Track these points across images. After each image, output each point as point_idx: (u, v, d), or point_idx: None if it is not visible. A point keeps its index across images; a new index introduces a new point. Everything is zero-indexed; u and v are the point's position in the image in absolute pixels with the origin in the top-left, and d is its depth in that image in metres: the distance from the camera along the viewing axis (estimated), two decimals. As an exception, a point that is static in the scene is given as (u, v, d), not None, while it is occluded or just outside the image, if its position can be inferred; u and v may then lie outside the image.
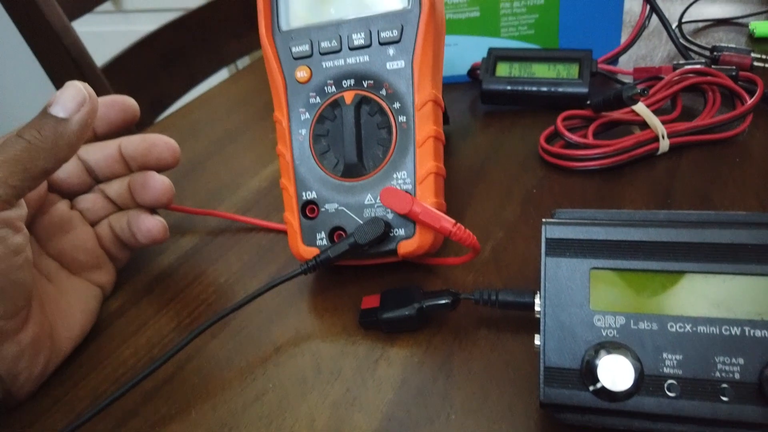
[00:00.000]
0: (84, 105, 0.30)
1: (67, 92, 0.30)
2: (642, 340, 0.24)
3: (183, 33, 0.88)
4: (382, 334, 0.32)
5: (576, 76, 0.49)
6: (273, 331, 0.33)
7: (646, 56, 0.56)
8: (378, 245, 0.33)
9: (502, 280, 0.34)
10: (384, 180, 0.33)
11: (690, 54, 0.53)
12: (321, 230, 0.34)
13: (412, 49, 0.33)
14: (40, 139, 0.29)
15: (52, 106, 0.30)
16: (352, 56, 0.34)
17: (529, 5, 0.52)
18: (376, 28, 0.33)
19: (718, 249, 0.24)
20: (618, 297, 0.24)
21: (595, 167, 0.41)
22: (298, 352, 0.32)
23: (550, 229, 0.26)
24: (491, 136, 0.48)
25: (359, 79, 0.34)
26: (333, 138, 0.34)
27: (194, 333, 0.30)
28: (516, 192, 0.41)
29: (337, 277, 0.36)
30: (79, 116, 0.30)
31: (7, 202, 0.28)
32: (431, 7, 0.32)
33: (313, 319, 0.34)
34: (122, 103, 0.38)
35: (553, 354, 0.24)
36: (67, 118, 0.30)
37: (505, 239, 0.37)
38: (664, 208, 0.37)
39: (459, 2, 0.53)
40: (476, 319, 0.32)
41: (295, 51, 0.35)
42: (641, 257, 0.24)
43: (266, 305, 0.35)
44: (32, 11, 0.67)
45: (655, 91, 0.45)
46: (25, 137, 0.29)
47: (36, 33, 0.70)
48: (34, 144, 0.29)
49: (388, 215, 0.33)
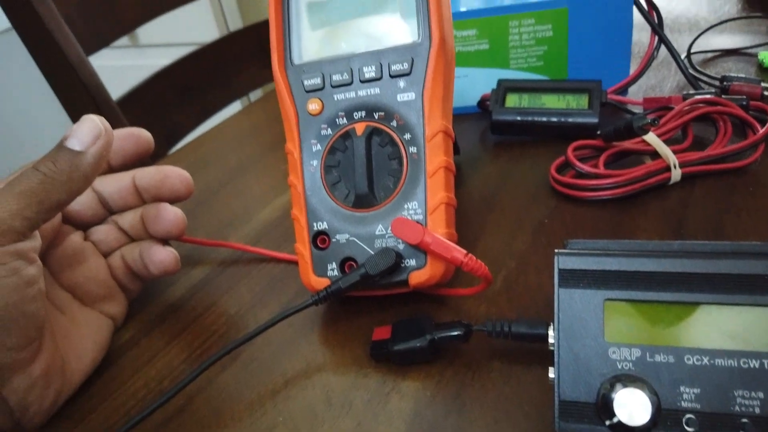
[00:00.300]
0: (99, 138, 0.31)
1: (84, 126, 0.31)
2: (658, 373, 0.23)
3: (197, 67, 0.90)
4: (393, 366, 0.32)
5: (586, 106, 0.49)
6: (283, 362, 0.33)
7: (655, 86, 0.56)
8: (389, 276, 0.33)
9: (515, 311, 0.34)
10: (395, 210, 0.33)
11: (700, 84, 0.54)
12: (332, 261, 0.34)
13: (423, 81, 0.33)
14: (55, 171, 0.29)
15: (69, 139, 0.30)
16: (363, 88, 0.34)
17: (537, 37, 0.53)
18: (386, 61, 0.34)
19: (733, 280, 0.23)
20: (633, 328, 0.24)
21: (607, 197, 0.41)
22: (309, 385, 0.32)
23: (562, 260, 0.25)
24: (502, 166, 0.48)
25: (370, 110, 0.34)
26: (344, 169, 0.34)
27: (204, 365, 0.30)
28: (527, 222, 0.41)
29: (348, 307, 0.36)
30: (95, 149, 0.31)
31: (21, 233, 0.28)
32: (441, 40, 0.33)
33: (324, 350, 0.34)
34: (137, 135, 0.38)
35: (567, 387, 0.24)
36: (83, 151, 0.30)
37: (517, 270, 0.37)
38: (677, 238, 0.37)
39: (468, 35, 0.53)
40: (489, 350, 0.32)
41: (307, 84, 0.35)
42: (655, 288, 0.24)
43: (277, 336, 0.35)
44: (50, 45, 0.69)
45: (666, 121, 0.45)
46: (40, 170, 0.29)
47: (53, 66, 0.71)
48: (50, 176, 0.29)
49: (399, 246, 0.33)
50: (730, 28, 0.66)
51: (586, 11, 0.51)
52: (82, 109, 0.74)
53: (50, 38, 0.69)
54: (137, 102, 0.82)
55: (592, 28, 0.51)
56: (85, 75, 0.72)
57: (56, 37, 0.69)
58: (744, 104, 0.46)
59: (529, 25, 0.52)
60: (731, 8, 0.72)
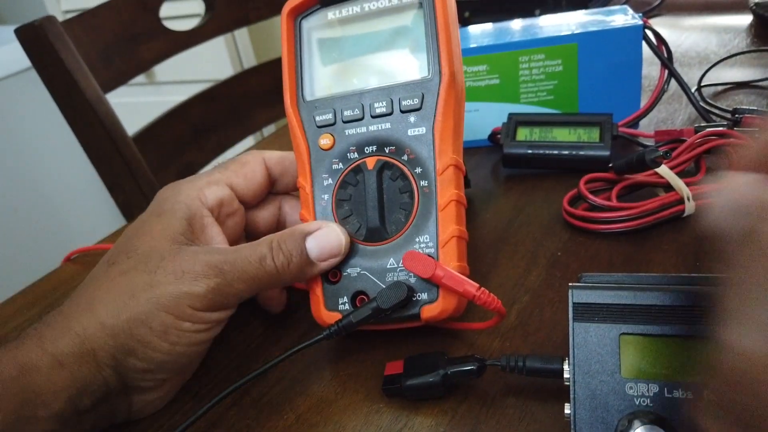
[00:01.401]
0: (335, 257, 0.33)
1: (329, 238, 0.33)
2: (677, 409, 0.23)
3: (212, 103, 0.92)
4: (406, 402, 0.31)
5: (597, 139, 0.49)
6: (294, 399, 0.33)
7: (666, 119, 0.57)
8: (401, 310, 0.32)
9: (529, 346, 0.33)
10: (406, 244, 0.33)
11: (711, 117, 0.54)
12: (343, 295, 0.34)
13: (433, 116, 0.33)
14: (286, 269, 0.32)
15: (310, 241, 0.32)
16: (374, 124, 0.35)
17: (548, 72, 0.53)
18: (397, 96, 0.34)
19: (752, 313, 0.23)
20: (650, 363, 0.24)
21: (621, 230, 0.41)
22: (320, 421, 0.31)
23: (577, 294, 0.25)
24: (514, 199, 0.48)
25: (381, 145, 0.35)
26: (355, 203, 0.34)
27: (214, 401, 0.30)
28: (540, 255, 0.41)
29: (360, 342, 0.36)
30: (325, 265, 0.33)
31: (232, 307, 0.32)
32: (451, 76, 0.33)
33: (336, 386, 0.33)
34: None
35: (584, 425, 0.24)
36: (316, 263, 0.33)
37: (530, 303, 0.36)
38: (693, 271, 0.37)
39: (479, 70, 0.54)
40: (503, 386, 0.31)
41: (319, 120, 0.36)
42: (672, 322, 0.24)
43: (288, 372, 0.35)
44: (69, 83, 0.71)
45: (678, 154, 0.45)
46: (275, 259, 0.31)
47: (71, 104, 0.73)
48: (280, 271, 0.32)
49: (410, 279, 0.33)
50: (739, 62, 0.66)
51: (596, 47, 0.51)
52: (98, 145, 0.75)
53: (69, 77, 0.70)
54: (153, 138, 0.83)
55: (601, 63, 0.52)
56: (102, 112, 0.73)
57: (75, 75, 0.70)
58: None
59: (539, 60, 0.53)
60: (740, 42, 0.72)
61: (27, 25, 0.68)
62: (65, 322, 0.30)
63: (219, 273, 0.30)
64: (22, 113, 1.49)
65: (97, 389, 0.29)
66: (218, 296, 0.31)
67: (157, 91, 1.82)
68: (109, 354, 0.29)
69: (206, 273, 0.30)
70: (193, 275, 0.30)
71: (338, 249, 0.33)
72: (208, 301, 0.30)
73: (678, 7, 0.88)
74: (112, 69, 0.77)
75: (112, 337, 0.29)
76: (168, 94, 1.75)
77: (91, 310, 0.30)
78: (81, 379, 0.29)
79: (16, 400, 0.27)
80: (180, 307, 0.30)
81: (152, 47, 0.82)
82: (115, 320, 0.29)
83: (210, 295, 0.30)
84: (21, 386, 0.27)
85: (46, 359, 0.28)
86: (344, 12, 0.36)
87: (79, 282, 0.33)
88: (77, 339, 0.29)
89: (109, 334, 0.29)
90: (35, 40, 0.69)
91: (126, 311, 0.30)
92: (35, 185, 1.53)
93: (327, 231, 0.33)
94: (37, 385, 0.28)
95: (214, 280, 0.30)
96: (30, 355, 0.28)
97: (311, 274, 0.33)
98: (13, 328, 0.44)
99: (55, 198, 1.58)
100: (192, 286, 0.30)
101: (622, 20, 0.52)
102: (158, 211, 0.34)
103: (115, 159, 0.76)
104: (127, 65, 0.79)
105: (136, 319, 0.29)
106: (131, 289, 0.30)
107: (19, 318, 0.45)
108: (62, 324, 0.30)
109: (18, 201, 1.48)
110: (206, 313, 0.31)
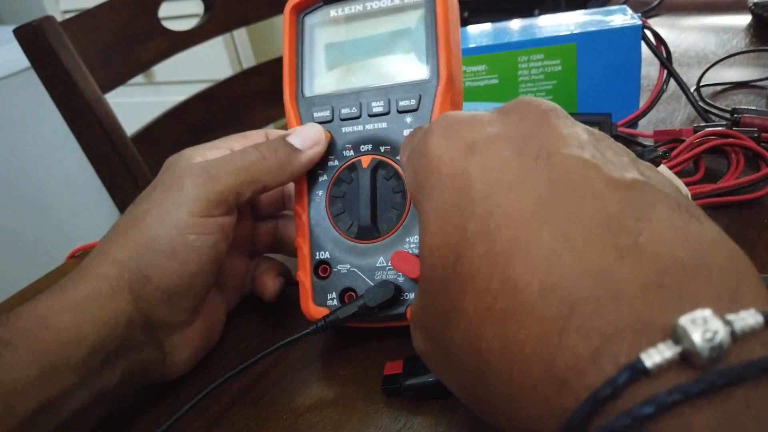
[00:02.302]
0: (317, 145, 0.34)
1: (308, 130, 0.34)
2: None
3: (211, 104, 0.92)
4: (405, 402, 0.31)
5: (596, 139, 0.49)
6: (294, 399, 0.33)
7: (665, 119, 0.57)
8: (388, 308, 0.32)
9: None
10: (396, 244, 0.33)
11: (710, 117, 0.54)
12: (332, 291, 0.34)
13: (429, 117, 0.34)
14: (274, 157, 0.33)
15: (291, 137, 0.34)
16: (371, 123, 0.35)
17: (547, 72, 0.53)
18: (395, 97, 0.34)
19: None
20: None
21: (620, 230, 0.41)
22: (320, 421, 0.31)
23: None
24: (513, 199, 0.48)
25: (377, 144, 0.35)
26: (348, 200, 0.35)
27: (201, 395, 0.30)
28: (539, 255, 0.40)
29: (359, 342, 0.36)
30: (311, 152, 0.34)
31: (231, 208, 0.32)
32: (448, 78, 0.33)
33: (335, 386, 0.33)
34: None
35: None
36: (301, 150, 0.33)
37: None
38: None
39: (478, 70, 0.54)
40: (502, 386, 0.31)
41: (317, 116, 0.36)
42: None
43: (287, 372, 0.35)
44: (67, 83, 0.71)
45: (677, 154, 0.45)
46: (260, 150, 0.33)
47: (70, 104, 0.73)
48: (268, 160, 0.33)
49: (399, 279, 0.33)
50: (738, 62, 0.66)
51: (595, 47, 0.51)
52: (97, 145, 0.75)
53: (68, 77, 0.70)
54: (151, 138, 0.83)
55: (600, 63, 0.52)
56: (101, 112, 0.73)
57: (74, 75, 0.70)
58: (756, 136, 0.45)
59: (538, 60, 0.53)
60: (739, 42, 0.72)
61: (25, 25, 0.68)
62: (83, 269, 0.31)
63: (203, 172, 0.32)
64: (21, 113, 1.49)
65: (122, 331, 0.30)
66: (211, 194, 0.31)
67: (156, 92, 1.82)
68: (126, 288, 0.30)
69: (192, 178, 0.31)
70: (180, 184, 0.31)
71: (318, 135, 0.34)
72: (202, 203, 0.31)
73: (677, 7, 0.88)
74: (111, 69, 0.77)
75: (126, 270, 0.30)
76: (167, 95, 1.75)
77: (105, 251, 0.31)
78: (102, 320, 0.29)
79: (35, 353, 0.27)
80: (179, 219, 0.31)
81: (151, 47, 0.82)
82: (124, 252, 0.30)
83: (202, 194, 0.31)
84: (39, 338, 0.27)
85: (67, 305, 0.29)
86: (347, 10, 0.37)
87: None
88: (95, 280, 0.30)
89: (122, 267, 0.30)
90: (34, 40, 0.69)
91: (131, 241, 0.31)
92: (34, 186, 1.53)
93: (303, 126, 0.35)
94: (58, 334, 0.28)
95: (202, 178, 0.31)
96: (49, 304, 0.29)
97: (299, 163, 0.34)
98: (11, 329, 0.44)
99: (53, 198, 1.58)
100: (182, 193, 0.31)
101: (621, 20, 0.52)
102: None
103: (114, 159, 0.76)
104: (125, 65, 0.79)
105: (143, 246, 0.31)
106: (134, 219, 0.32)
107: (18, 318, 0.45)
108: (80, 271, 0.31)
109: (16, 201, 1.48)
110: (206, 218, 0.31)
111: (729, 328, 0.14)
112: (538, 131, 0.21)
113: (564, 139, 0.21)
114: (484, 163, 0.20)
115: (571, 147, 0.20)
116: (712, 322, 0.14)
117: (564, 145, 0.20)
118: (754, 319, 0.15)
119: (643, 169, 0.21)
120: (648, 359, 0.14)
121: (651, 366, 0.14)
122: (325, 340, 0.36)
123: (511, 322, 0.18)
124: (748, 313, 0.15)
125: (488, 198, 0.19)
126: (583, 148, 0.20)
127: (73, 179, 1.59)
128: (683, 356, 0.14)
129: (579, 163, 0.19)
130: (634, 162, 0.21)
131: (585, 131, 0.22)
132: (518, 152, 0.20)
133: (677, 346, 0.14)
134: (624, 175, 0.19)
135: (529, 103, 0.23)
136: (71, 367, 0.28)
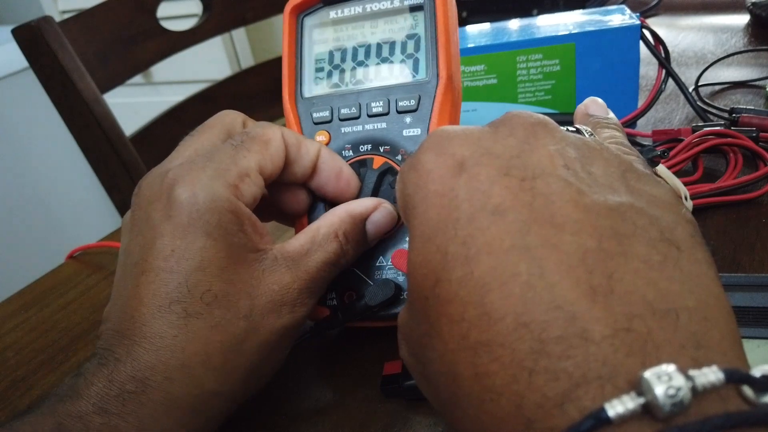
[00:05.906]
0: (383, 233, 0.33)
1: (386, 219, 0.32)
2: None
3: (209, 104, 0.92)
4: (404, 402, 0.31)
5: (595, 139, 0.49)
6: (292, 399, 0.33)
7: (664, 119, 0.57)
8: (388, 307, 0.32)
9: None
10: (396, 242, 0.33)
11: (708, 116, 0.54)
12: (332, 290, 0.34)
13: (429, 118, 0.34)
14: (347, 251, 0.31)
15: (369, 225, 0.32)
16: (370, 123, 0.35)
17: (545, 72, 0.53)
18: (394, 97, 0.34)
19: (748, 313, 0.23)
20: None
21: (618, 229, 0.41)
22: (319, 421, 0.31)
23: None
24: (511, 199, 0.48)
25: (376, 144, 0.35)
26: None
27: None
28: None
29: (358, 342, 0.36)
30: (374, 242, 0.33)
31: (310, 308, 0.30)
32: (448, 79, 0.33)
33: (334, 386, 0.33)
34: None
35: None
36: (368, 242, 0.32)
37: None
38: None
39: (477, 70, 0.54)
40: (501, 386, 0.31)
41: (316, 116, 0.36)
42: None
43: (285, 372, 0.35)
44: (66, 84, 0.71)
45: (676, 153, 0.45)
46: (340, 240, 0.31)
47: (68, 104, 0.73)
48: (344, 253, 0.31)
49: (399, 278, 0.33)
50: (737, 61, 0.66)
51: (593, 46, 0.51)
52: (95, 145, 0.75)
53: (66, 77, 0.70)
54: (150, 138, 0.83)
55: (599, 63, 0.52)
56: (99, 113, 0.73)
57: (72, 76, 0.70)
58: (754, 136, 0.46)
59: (537, 60, 0.53)
60: (737, 42, 0.72)
61: (24, 25, 0.68)
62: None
63: (306, 289, 0.30)
64: (19, 114, 1.49)
65: None
66: (310, 302, 0.30)
67: (155, 92, 1.82)
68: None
69: (300, 299, 0.30)
70: (291, 305, 0.29)
71: (391, 225, 0.33)
72: (303, 320, 0.30)
73: (675, 7, 0.88)
74: (110, 69, 0.77)
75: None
76: (165, 95, 1.75)
77: (188, 371, 0.26)
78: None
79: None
80: (287, 340, 0.30)
81: (149, 47, 0.82)
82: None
83: (307, 312, 0.30)
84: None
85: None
86: (346, 11, 0.37)
87: (79, 280, 0.32)
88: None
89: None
90: (32, 41, 0.69)
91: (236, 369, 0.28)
92: (32, 186, 1.53)
93: (382, 212, 0.32)
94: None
95: (308, 302, 0.30)
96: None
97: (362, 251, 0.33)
98: (12, 328, 0.44)
99: (52, 199, 1.58)
100: (290, 318, 0.29)
101: (619, 20, 0.52)
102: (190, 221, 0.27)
103: (113, 159, 0.76)
104: (124, 65, 0.79)
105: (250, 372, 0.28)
106: (232, 342, 0.27)
107: (19, 317, 0.45)
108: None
109: (14, 201, 1.48)
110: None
111: (691, 383, 0.15)
112: (527, 148, 0.21)
113: (551, 159, 0.21)
114: (471, 184, 0.20)
115: (557, 167, 0.20)
116: (675, 379, 0.15)
117: (550, 165, 0.20)
118: (715, 376, 0.15)
119: (634, 182, 0.21)
120: (611, 409, 0.15)
121: (614, 416, 0.15)
122: (325, 340, 0.37)
123: (484, 353, 0.18)
124: (710, 370, 0.15)
125: (472, 221, 0.20)
126: (568, 168, 0.20)
127: (72, 179, 1.59)
128: (645, 408, 0.15)
129: (562, 188, 0.20)
130: (625, 176, 0.21)
131: (573, 146, 0.22)
132: (505, 172, 0.20)
133: (640, 397, 0.15)
134: (607, 199, 0.19)
135: (518, 116, 0.23)
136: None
